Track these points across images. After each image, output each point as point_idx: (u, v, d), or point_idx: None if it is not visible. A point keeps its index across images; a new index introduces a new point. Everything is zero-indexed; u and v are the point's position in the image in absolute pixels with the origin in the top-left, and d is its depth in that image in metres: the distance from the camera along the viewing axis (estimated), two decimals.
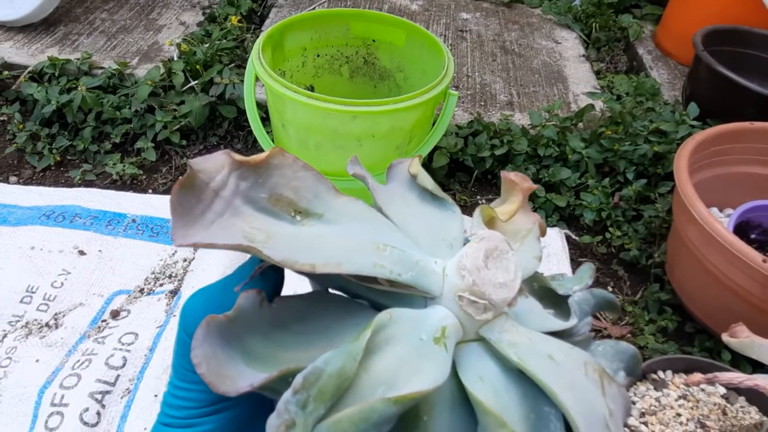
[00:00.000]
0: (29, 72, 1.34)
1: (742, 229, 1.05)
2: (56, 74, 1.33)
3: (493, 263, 0.23)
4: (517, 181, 0.30)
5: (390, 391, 0.20)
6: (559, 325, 0.27)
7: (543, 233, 0.31)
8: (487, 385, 0.22)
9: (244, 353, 0.21)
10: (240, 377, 0.20)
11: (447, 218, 0.28)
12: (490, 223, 0.28)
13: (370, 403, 0.19)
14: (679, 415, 0.77)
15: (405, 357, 0.21)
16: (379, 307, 0.24)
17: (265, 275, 0.24)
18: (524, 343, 0.23)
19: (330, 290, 0.26)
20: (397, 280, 0.23)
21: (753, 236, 1.06)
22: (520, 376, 0.23)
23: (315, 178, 0.25)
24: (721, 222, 0.89)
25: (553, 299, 0.29)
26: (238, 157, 0.23)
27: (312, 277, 0.25)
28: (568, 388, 0.22)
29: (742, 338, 0.63)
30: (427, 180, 0.29)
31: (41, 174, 1.23)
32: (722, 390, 0.81)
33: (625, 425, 0.77)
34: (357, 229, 0.25)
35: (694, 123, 1.26)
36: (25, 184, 1.20)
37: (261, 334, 0.22)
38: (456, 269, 0.23)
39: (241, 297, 0.22)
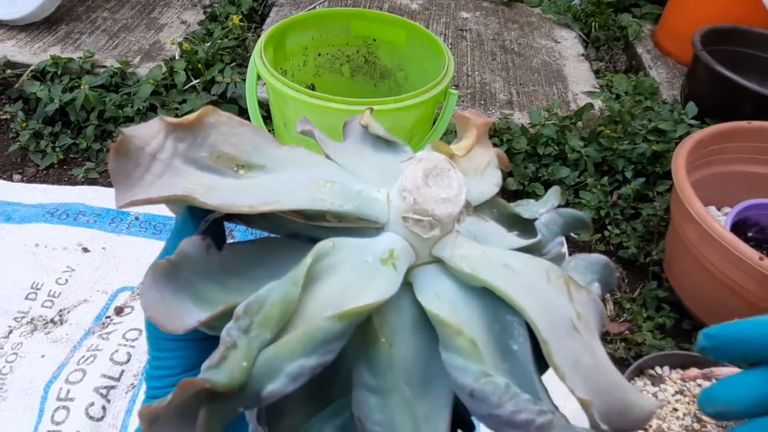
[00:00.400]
0: (32, 71, 1.35)
1: (739, 228, 1.06)
2: (59, 73, 1.34)
3: (434, 181, 0.23)
4: (470, 117, 0.29)
5: (337, 311, 0.20)
6: (520, 242, 0.27)
7: (504, 164, 0.30)
8: (443, 301, 0.22)
9: (196, 298, 0.21)
10: (189, 316, 0.20)
11: (400, 158, 0.29)
12: (450, 159, 0.28)
13: (316, 323, 0.19)
14: (676, 410, 0.78)
15: (351, 279, 0.22)
16: None
17: (205, 232, 0.24)
18: (478, 256, 0.23)
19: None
20: (339, 211, 0.23)
21: (750, 234, 1.07)
22: (479, 291, 0.23)
23: (253, 131, 0.25)
24: (719, 220, 0.90)
25: (520, 224, 0.29)
26: (171, 119, 0.24)
27: (261, 225, 0.25)
28: (526, 293, 0.22)
29: None
30: (378, 128, 0.30)
31: (44, 172, 1.24)
32: None
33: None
34: (299, 173, 0.25)
35: (693, 122, 1.27)
36: (29, 182, 1.21)
37: (214, 280, 0.22)
38: (398, 193, 0.23)
39: (182, 242, 0.22)
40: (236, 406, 0.19)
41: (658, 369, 0.84)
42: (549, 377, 0.22)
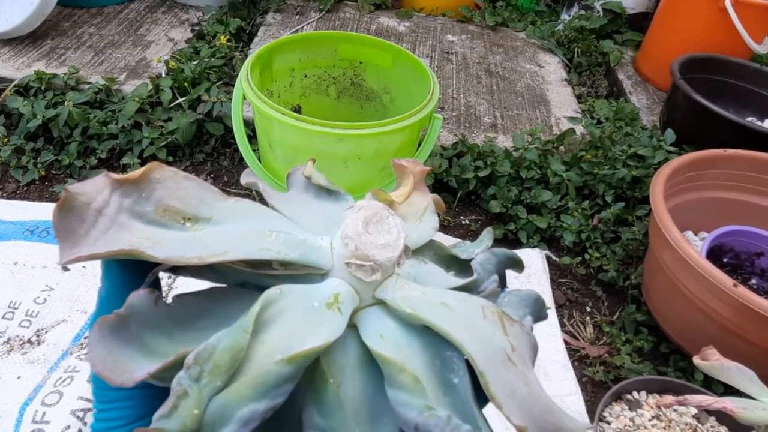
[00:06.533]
0: (15, 85, 1.34)
1: (715, 254, 1.08)
2: (42, 88, 1.34)
3: (374, 228, 0.24)
4: (407, 166, 0.31)
5: (285, 355, 0.21)
6: (458, 282, 0.28)
7: (440, 209, 0.32)
8: (387, 341, 0.23)
9: (145, 351, 0.21)
10: (138, 369, 0.21)
11: (341, 206, 0.30)
12: (390, 206, 0.29)
13: (265, 367, 0.20)
14: None
15: (299, 324, 0.22)
16: None
17: (151, 285, 0.24)
18: (417, 296, 0.25)
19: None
20: (285, 259, 0.24)
21: (725, 260, 1.09)
22: (421, 330, 0.24)
23: (199, 185, 0.26)
24: (694, 246, 0.92)
25: (458, 264, 0.31)
26: (116, 176, 0.24)
27: (209, 276, 0.26)
28: (463, 329, 0.23)
29: (712, 361, 0.65)
30: (320, 178, 0.31)
31: (25, 188, 1.23)
32: (694, 410, 0.83)
33: None
34: (245, 224, 0.26)
35: (671, 148, 1.30)
36: (9, 198, 1.20)
37: (162, 332, 0.22)
38: (340, 240, 0.24)
39: (131, 296, 0.22)
40: None
41: (635, 394, 0.85)
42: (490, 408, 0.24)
